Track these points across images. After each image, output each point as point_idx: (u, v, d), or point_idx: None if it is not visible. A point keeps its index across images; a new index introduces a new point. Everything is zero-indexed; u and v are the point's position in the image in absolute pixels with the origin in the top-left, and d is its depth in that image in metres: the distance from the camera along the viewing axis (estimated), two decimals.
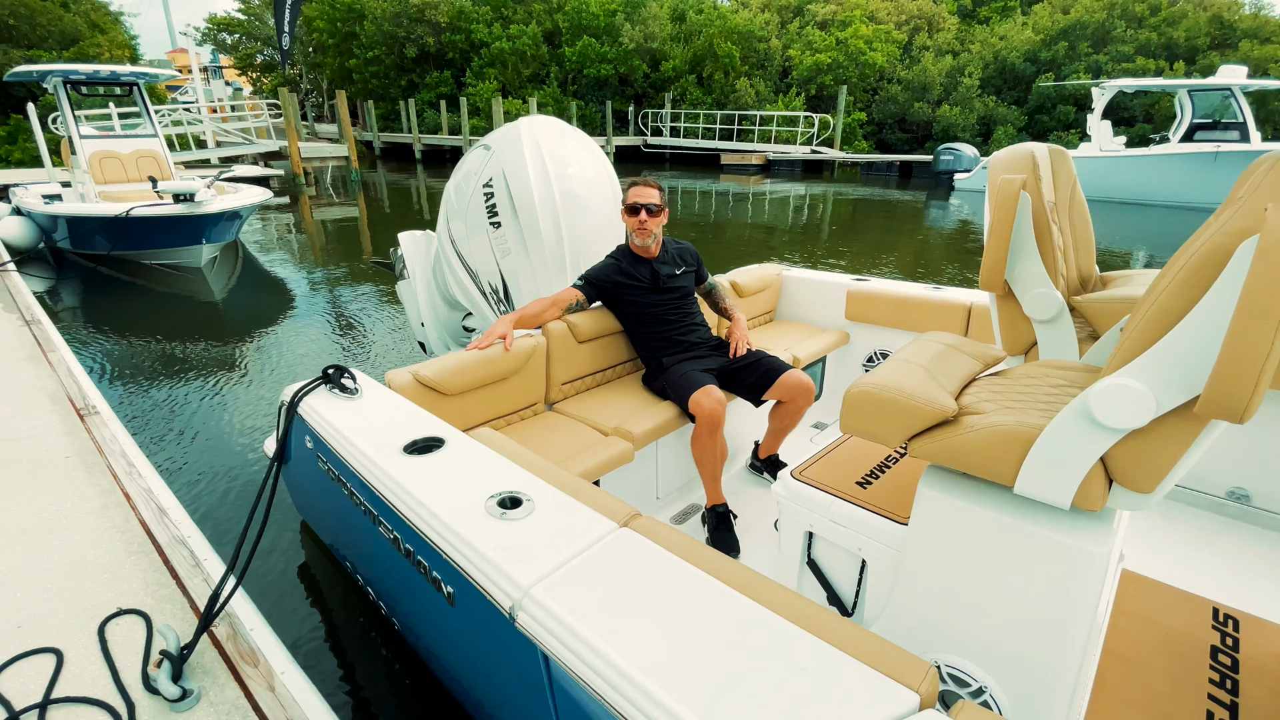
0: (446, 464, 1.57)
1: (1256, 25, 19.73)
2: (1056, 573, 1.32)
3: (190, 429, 3.72)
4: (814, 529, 1.91)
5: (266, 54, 32.47)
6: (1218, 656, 1.77)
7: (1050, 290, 1.82)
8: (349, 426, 1.75)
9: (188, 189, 6.64)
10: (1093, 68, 19.90)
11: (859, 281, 3.43)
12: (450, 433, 1.71)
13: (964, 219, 12.56)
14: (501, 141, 2.96)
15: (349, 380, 1.99)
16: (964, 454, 1.36)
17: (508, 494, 1.43)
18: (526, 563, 1.21)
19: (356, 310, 6.20)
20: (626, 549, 1.26)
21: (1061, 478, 1.24)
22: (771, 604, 1.12)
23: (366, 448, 1.63)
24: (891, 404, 1.43)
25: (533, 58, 24.24)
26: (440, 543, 1.32)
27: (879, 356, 3.39)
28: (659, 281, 2.65)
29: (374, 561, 1.83)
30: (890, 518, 1.76)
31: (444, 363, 2.14)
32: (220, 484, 3.11)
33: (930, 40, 22.59)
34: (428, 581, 1.43)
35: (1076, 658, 1.35)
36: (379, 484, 1.53)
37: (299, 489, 2.38)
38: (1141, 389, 1.09)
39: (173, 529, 2.24)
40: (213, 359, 4.89)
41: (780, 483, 1.98)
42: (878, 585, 1.81)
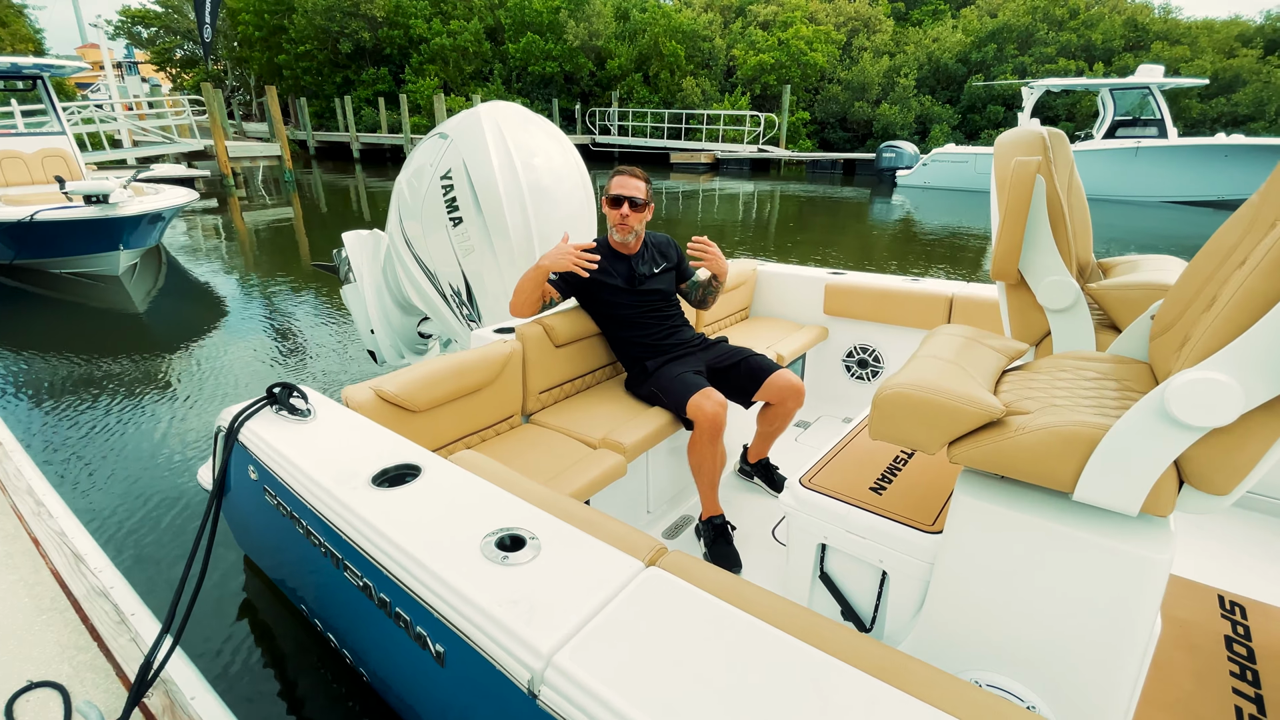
0: (426, 496, 1.34)
1: (1167, 28, 21.05)
2: (1116, 583, 1.21)
3: (111, 460, 3.30)
4: (828, 541, 1.77)
5: (186, 49, 30.61)
6: (1233, 647, 1.72)
7: (1066, 278, 1.74)
8: (303, 455, 1.49)
9: (100, 190, 6.05)
10: (1019, 68, 20.81)
11: (836, 275, 3.34)
12: (426, 458, 1.48)
13: (907, 214, 12.87)
14: (460, 129, 2.71)
15: (299, 399, 1.71)
16: (1015, 458, 1.23)
17: (506, 531, 1.21)
18: (544, 621, 1.00)
19: (298, 319, 5.78)
20: (659, 594, 1.06)
21: (1130, 482, 1.12)
22: (840, 651, 0.95)
23: (326, 481, 1.38)
24: (931, 406, 1.29)
25: (475, 54, 23.64)
26: (428, 596, 1.10)
27: (859, 351, 3.30)
28: (635, 282, 2.44)
29: (337, 609, 1.58)
30: (915, 526, 1.64)
31: (409, 375, 1.90)
32: (148, 522, 2.74)
33: (868, 41, 23.16)
34: (410, 637, 1.20)
35: (1134, 669, 1.25)
36: (344, 524, 1.29)
37: (241, 523, 2.09)
38: (1229, 382, 0.98)
39: (92, 578, 1.92)
40: (136, 377, 4.43)
41: (788, 492, 1.83)
42: (901, 599, 1.68)
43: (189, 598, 1.52)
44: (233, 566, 2.41)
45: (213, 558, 2.49)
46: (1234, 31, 21.04)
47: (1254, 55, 19.85)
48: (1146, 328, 1.55)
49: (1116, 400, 1.34)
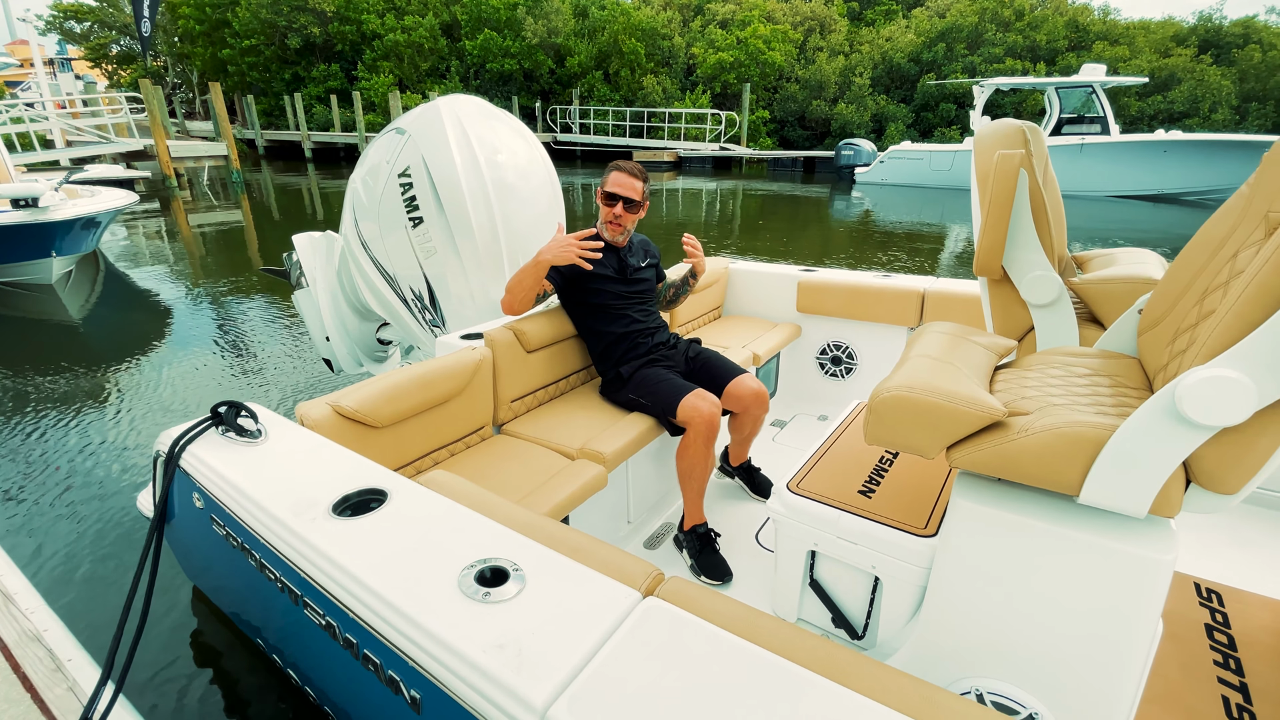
0: (394, 525, 1.22)
1: (1106, 29, 21.88)
2: (1120, 584, 1.17)
3: (42, 486, 3.05)
4: (818, 547, 1.72)
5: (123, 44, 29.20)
6: (1214, 635, 1.73)
7: (1050, 273, 1.71)
8: (253, 482, 1.35)
9: (29, 193, 5.65)
10: (968, 68, 21.36)
11: (807, 272, 3.30)
12: (392, 480, 1.35)
13: (866, 210, 13.06)
14: (418, 125, 2.57)
15: (248, 419, 1.56)
16: (1019, 461, 1.18)
17: (487, 564, 1.10)
18: (535, 668, 0.89)
19: (248, 327, 5.50)
20: (660, 628, 0.97)
21: (1139, 483, 1.08)
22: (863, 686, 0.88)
23: (281, 511, 1.24)
24: (930, 409, 1.24)
25: (431, 51, 23.14)
26: (400, 641, 0.98)
27: (832, 348, 3.27)
28: (627, 272, 2.38)
29: (298, 647, 1.45)
30: (907, 530, 1.59)
31: (369, 389, 1.76)
32: (85, 556, 2.52)
33: (823, 41, 23.47)
34: (380, 681, 1.09)
35: (1138, 670, 1.22)
36: (302, 560, 1.16)
37: (188, 552, 1.93)
38: (1242, 380, 0.95)
39: (23, 621, 1.73)
40: (70, 394, 4.13)
41: (775, 497, 1.77)
42: (895, 605, 1.63)
43: (131, 640, 1.37)
44: (180, 598, 2.24)
45: (159, 589, 2.31)
46: (1169, 32, 22.01)
47: (1188, 55, 20.78)
48: (1134, 322, 1.53)
49: (1113, 398, 1.31)
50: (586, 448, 1.98)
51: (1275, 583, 1.92)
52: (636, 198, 2.26)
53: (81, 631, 1.94)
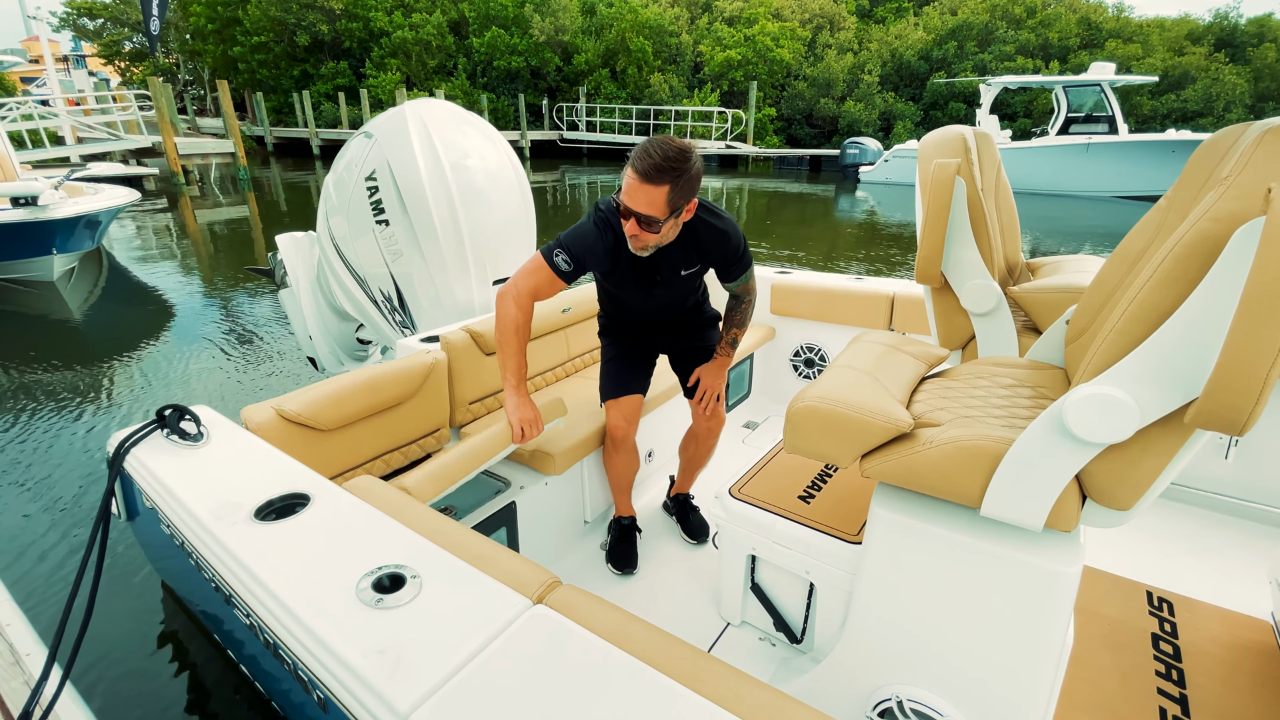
0: (310, 531, 1.25)
1: (1119, 26, 21.60)
2: (1026, 595, 1.19)
3: (23, 480, 3.12)
4: (756, 551, 1.74)
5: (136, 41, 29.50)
6: (1160, 645, 1.73)
7: (988, 281, 1.72)
8: (185, 485, 1.39)
9: (28, 191, 5.75)
10: (979, 66, 21.16)
11: (782, 274, 3.31)
12: (318, 485, 1.39)
13: (870, 209, 13.00)
14: (384, 129, 2.61)
15: (190, 423, 1.60)
16: (922, 473, 1.20)
17: (386, 570, 1.13)
18: (408, 674, 0.92)
19: (247, 325, 5.58)
20: (541, 636, 1.00)
21: (1033, 498, 1.09)
22: (727, 700, 0.90)
23: (204, 515, 1.28)
24: (840, 420, 1.25)
25: (438, 48, 23.23)
26: (296, 648, 1.02)
27: (805, 350, 3.28)
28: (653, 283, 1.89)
29: (238, 641, 1.49)
30: (838, 536, 1.61)
31: (315, 392, 1.79)
32: (57, 553, 2.58)
33: (832, 38, 23.33)
34: (294, 679, 1.12)
35: (1049, 678, 1.23)
36: (221, 565, 1.19)
37: (152, 549, 1.97)
38: (1124, 398, 0.96)
39: None
40: (63, 389, 4.22)
41: (717, 502, 1.79)
42: (828, 610, 1.65)
43: (77, 631, 1.41)
44: (150, 593, 2.29)
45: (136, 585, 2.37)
46: (1184, 30, 21.69)
47: (1202, 53, 20.49)
48: (1063, 332, 1.54)
49: (1029, 409, 1.32)
50: (539, 449, 2.01)
51: (1230, 593, 1.91)
52: (655, 214, 1.57)
53: (41, 625, 2.00)
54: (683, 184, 1.56)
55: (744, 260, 1.89)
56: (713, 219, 1.80)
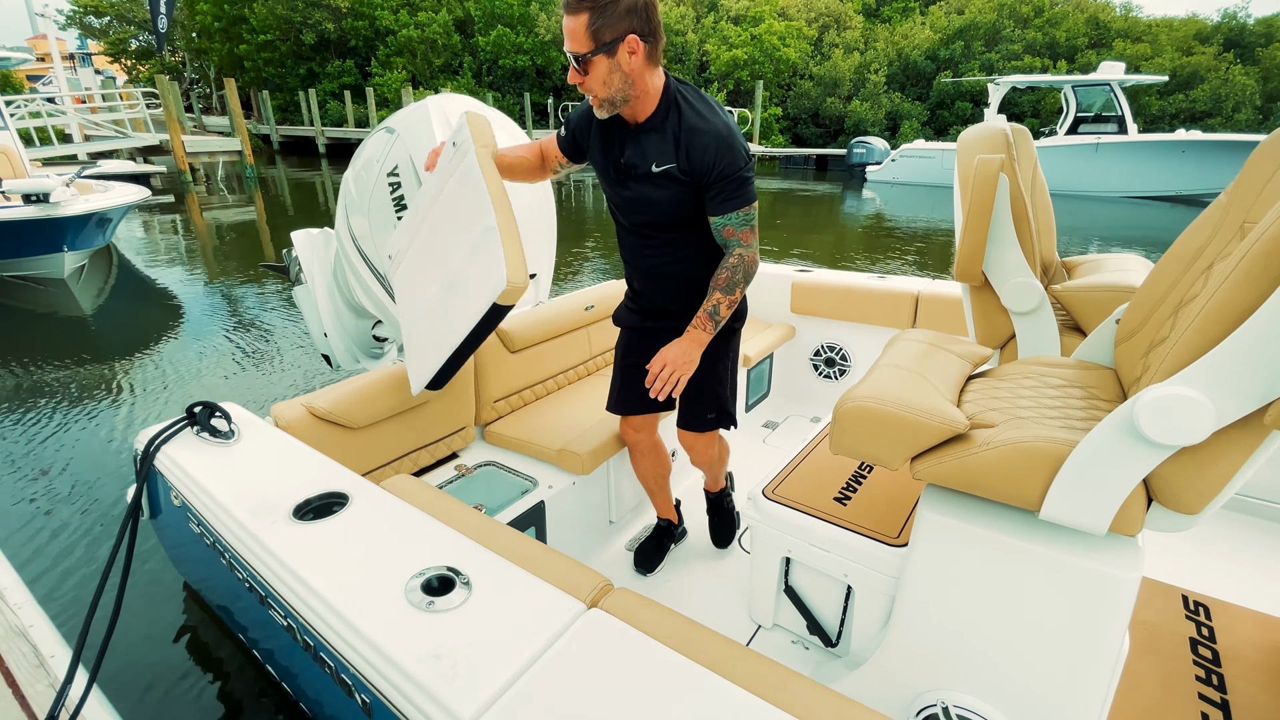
0: (351, 531, 1.23)
1: (1127, 26, 21.51)
2: (1085, 601, 1.16)
3: (39, 478, 3.10)
4: (791, 554, 1.71)
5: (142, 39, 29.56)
6: (1198, 650, 1.70)
7: (1030, 280, 1.69)
8: (220, 484, 1.37)
9: (40, 188, 5.74)
10: (986, 65, 21.09)
11: (802, 272, 3.28)
12: (355, 484, 1.36)
13: (877, 209, 12.96)
14: (407, 123, 2.57)
15: (221, 420, 1.58)
16: (979, 476, 1.17)
17: (435, 572, 1.10)
18: (468, 680, 0.89)
19: (257, 322, 5.56)
20: (599, 640, 0.97)
21: (1098, 501, 1.06)
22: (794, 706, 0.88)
23: (242, 514, 1.26)
24: (893, 421, 1.22)
25: (444, 47, 23.23)
26: (345, 651, 0.99)
27: (826, 349, 3.25)
28: (614, 169, 1.58)
29: (270, 643, 1.46)
30: (879, 539, 1.58)
31: (344, 390, 1.77)
32: (79, 553, 2.56)
33: (838, 38, 23.28)
34: (336, 684, 1.10)
35: (1104, 686, 1.20)
36: (260, 565, 1.17)
37: (175, 548, 1.95)
38: (1200, 399, 0.93)
39: (10, 616, 1.76)
40: (75, 386, 4.21)
41: (750, 503, 1.76)
42: (867, 614, 1.62)
43: (104, 632, 1.39)
44: (172, 592, 2.27)
45: (155, 584, 2.35)
46: (1192, 30, 21.60)
47: (1211, 53, 20.39)
48: (1112, 332, 1.51)
49: (1083, 410, 1.29)
50: (566, 449, 1.98)
51: (1267, 597, 1.88)
52: (577, 48, 1.38)
53: (66, 627, 1.98)
54: (608, 11, 1.34)
55: (738, 190, 1.48)
56: (701, 108, 1.49)
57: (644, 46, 1.40)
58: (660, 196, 1.54)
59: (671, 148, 1.48)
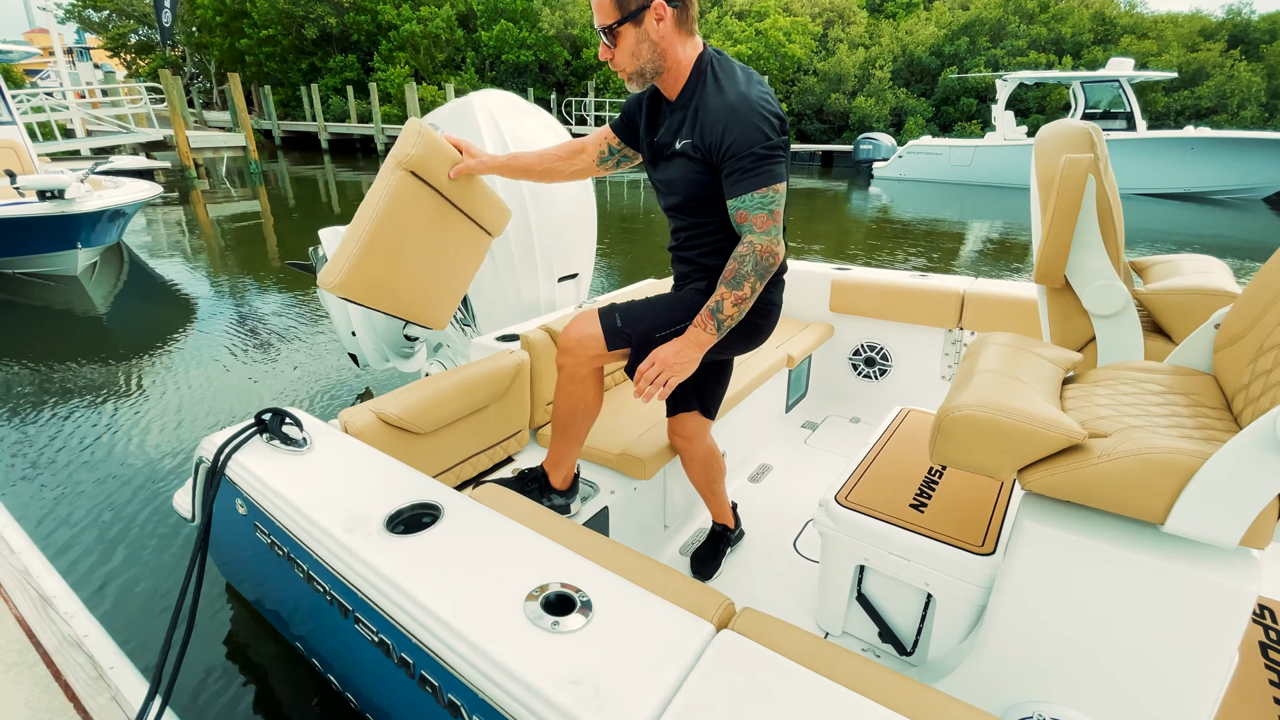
0: (451, 543, 1.18)
1: (1134, 22, 21.43)
2: (1201, 615, 1.13)
3: (72, 483, 3.05)
4: (868, 562, 1.68)
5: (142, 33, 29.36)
6: (1269, 654, 1.67)
7: (1116, 282, 1.65)
8: (302, 494, 1.32)
9: (56, 184, 5.67)
10: (991, 61, 21.00)
11: (841, 270, 3.24)
12: (443, 494, 1.32)
13: (884, 206, 12.91)
14: (452, 119, 2.54)
15: (293, 427, 1.54)
16: (1098, 487, 1.13)
17: (553, 590, 1.06)
18: (615, 706, 0.85)
19: (272, 320, 5.51)
20: (737, 664, 0.93)
21: (1232, 514, 1.03)
22: None
23: (333, 526, 1.21)
24: (1004, 430, 1.19)
25: (447, 42, 23.09)
26: (463, 668, 0.95)
27: (866, 349, 3.21)
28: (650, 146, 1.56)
29: (345, 658, 1.43)
30: (963, 548, 1.55)
31: (412, 395, 1.73)
32: (119, 557, 2.50)
33: (843, 33, 23.17)
34: (439, 704, 1.06)
35: (1212, 701, 1.17)
36: (357, 578, 1.13)
37: (226, 553, 1.91)
38: None
39: (63, 625, 1.73)
40: (99, 388, 4.16)
41: (823, 509, 1.73)
42: (948, 623, 1.59)
43: (177, 651, 1.35)
44: (213, 594, 2.23)
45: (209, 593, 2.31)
46: (1196, 26, 21.52)
47: (1217, 49, 20.32)
48: (1210, 337, 1.47)
49: (1192, 419, 1.26)
50: (627, 453, 1.94)
51: None
52: (604, 19, 1.37)
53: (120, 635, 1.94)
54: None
55: (753, 168, 1.34)
56: (724, 79, 1.39)
57: (672, 12, 1.36)
58: (678, 175, 1.49)
59: (690, 123, 1.42)
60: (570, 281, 2.76)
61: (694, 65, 1.43)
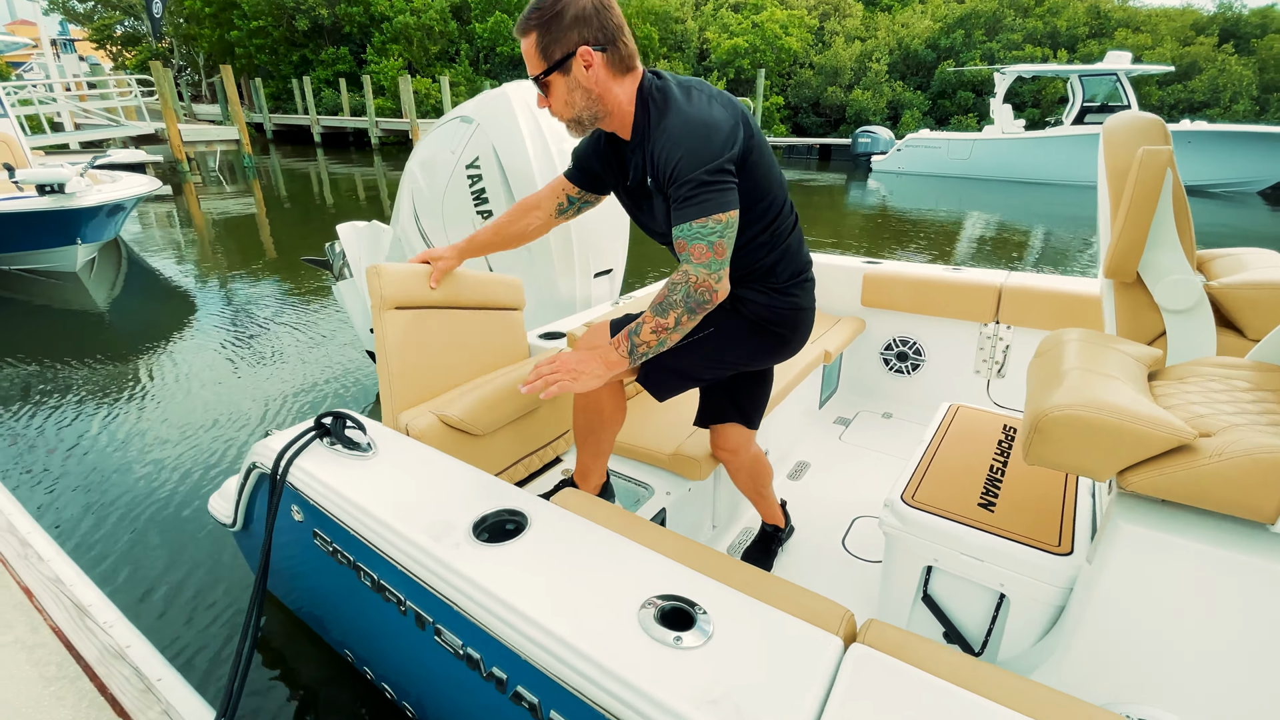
0: (545, 552, 1.13)
1: (1128, 15, 21.51)
2: None
3: (92, 485, 2.96)
4: (938, 562, 1.64)
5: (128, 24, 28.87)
6: None
7: (1190, 276, 1.62)
8: (376, 500, 1.26)
9: (56, 178, 5.54)
10: (987, 55, 21.04)
11: (871, 264, 3.20)
12: (527, 501, 1.27)
13: (883, 198, 12.90)
14: (487, 112, 2.47)
15: (356, 431, 1.48)
16: (1209, 487, 1.10)
17: (666, 601, 1.00)
18: None
19: (277, 315, 5.42)
20: (877, 682, 0.88)
21: None
22: None
23: (417, 535, 1.15)
24: (1111, 431, 1.15)
25: (440, 34, 22.86)
26: (585, 687, 0.89)
27: (899, 343, 3.18)
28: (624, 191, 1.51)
29: (414, 670, 1.37)
30: (1040, 547, 1.51)
31: (471, 397, 1.67)
32: (148, 560, 2.42)
33: (839, 26, 23.13)
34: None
35: None
36: (449, 589, 1.07)
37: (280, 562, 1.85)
38: None
39: (103, 635, 1.66)
40: (106, 386, 4.07)
41: (889, 510, 1.69)
42: (1023, 624, 1.56)
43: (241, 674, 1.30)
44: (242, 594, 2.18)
45: (222, 585, 2.25)
46: (1189, 20, 21.63)
47: (1209, 43, 20.44)
48: None
49: None
50: (680, 453, 1.90)
51: None
52: (532, 70, 1.32)
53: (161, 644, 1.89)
54: (553, 26, 1.25)
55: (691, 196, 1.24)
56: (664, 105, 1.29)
57: (600, 56, 1.28)
58: (661, 214, 1.39)
59: (648, 159, 1.33)
60: (605, 277, 2.70)
61: (637, 101, 1.34)
